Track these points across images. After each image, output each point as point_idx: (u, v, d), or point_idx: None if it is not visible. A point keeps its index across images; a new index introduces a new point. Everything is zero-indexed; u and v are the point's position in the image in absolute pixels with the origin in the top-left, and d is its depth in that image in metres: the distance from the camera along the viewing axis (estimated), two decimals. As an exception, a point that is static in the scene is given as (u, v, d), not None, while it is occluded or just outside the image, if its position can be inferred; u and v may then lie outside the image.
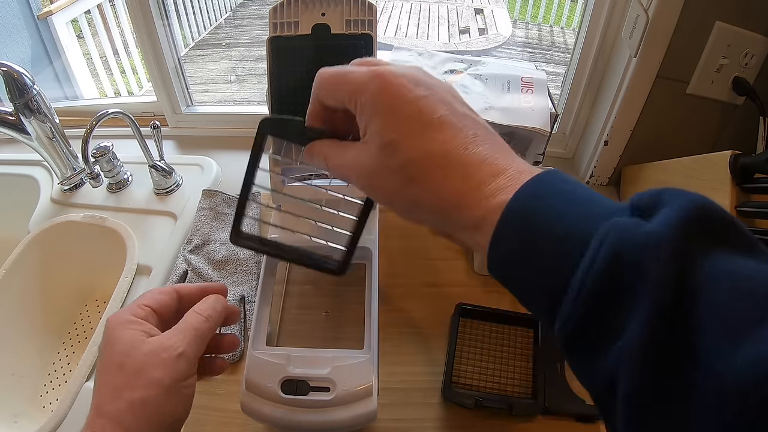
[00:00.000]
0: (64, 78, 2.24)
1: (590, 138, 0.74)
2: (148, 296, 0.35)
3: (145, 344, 0.31)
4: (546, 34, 3.85)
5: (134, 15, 0.72)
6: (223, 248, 0.61)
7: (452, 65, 0.68)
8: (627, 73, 0.63)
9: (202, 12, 3.62)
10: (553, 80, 1.81)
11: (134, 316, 0.33)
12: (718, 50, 0.58)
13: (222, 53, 3.48)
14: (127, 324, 0.32)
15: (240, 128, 0.85)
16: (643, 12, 0.57)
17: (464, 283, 0.59)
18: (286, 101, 0.48)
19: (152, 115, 0.87)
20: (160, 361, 0.30)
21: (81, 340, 0.66)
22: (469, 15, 3.95)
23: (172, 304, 0.36)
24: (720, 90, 0.61)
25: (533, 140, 0.61)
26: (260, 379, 0.38)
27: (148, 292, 0.36)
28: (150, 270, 0.60)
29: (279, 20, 0.47)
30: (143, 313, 0.33)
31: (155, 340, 0.31)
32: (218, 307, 0.35)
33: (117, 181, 0.71)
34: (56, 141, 0.68)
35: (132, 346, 0.31)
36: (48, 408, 0.59)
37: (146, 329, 0.32)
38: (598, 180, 0.75)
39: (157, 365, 0.30)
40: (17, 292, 0.62)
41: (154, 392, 0.29)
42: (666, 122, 0.66)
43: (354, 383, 0.38)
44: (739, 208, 0.49)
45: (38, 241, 0.65)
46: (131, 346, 0.31)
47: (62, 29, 2.19)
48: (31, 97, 0.63)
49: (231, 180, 0.76)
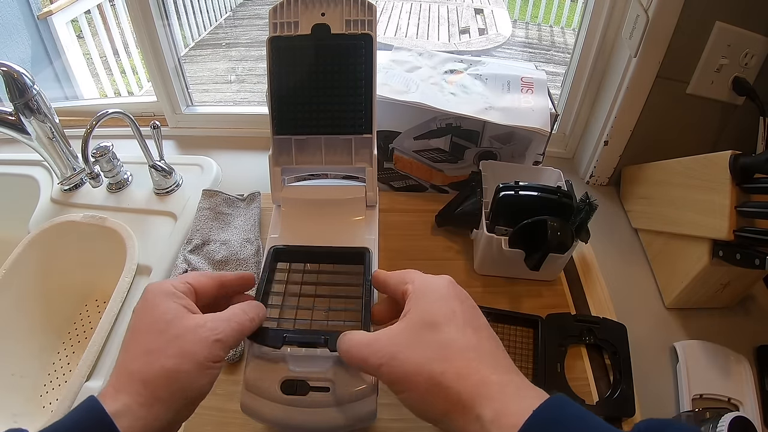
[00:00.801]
0: (64, 78, 2.24)
1: (590, 138, 0.74)
2: (192, 275, 0.36)
3: (187, 318, 0.31)
4: (546, 34, 3.85)
5: (134, 15, 0.72)
6: (223, 248, 0.61)
7: (452, 65, 0.68)
8: (627, 73, 0.63)
9: (202, 12, 3.62)
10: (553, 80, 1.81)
11: (176, 289, 0.33)
12: (718, 50, 0.58)
13: (222, 53, 3.47)
14: (170, 295, 0.32)
15: (240, 128, 0.85)
16: (643, 12, 0.57)
17: (464, 283, 0.58)
18: (286, 101, 0.48)
19: (152, 115, 0.87)
20: (199, 338, 0.30)
21: (81, 340, 0.66)
22: (469, 15, 3.95)
23: (213, 288, 0.36)
24: (720, 90, 0.61)
25: (533, 140, 0.61)
26: (260, 379, 0.38)
27: (192, 272, 0.37)
28: (150, 270, 0.60)
29: (279, 20, 0.47)
30: (184, 288, 0.34)
31: (199, 318, 0.32)
32: (261, 314, 0.36)
33: (117, 181, 0.71)
34: (56, 141, 0.68)
35: (175, 315, 0.31)
36: (48, 408, 0.59)
37: (187, 304, 0.33)
38: (598, 180, 0.75)
39: (195, 341, 0.30)
40: (17, 292, 0.62)
41: (187, 365, 0.29)
42: (666, 122, 0.66)
43: (354, 383, 0.37)
44: (739, 208, 0.49)
45: (38, 241, 0.65)
46: (174, 316, 0.31)
47: (62, 29, 2.19)
48: (31, 97, 0.63)
49: (231, 180, 0.76)
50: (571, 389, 0.48)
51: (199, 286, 0.35)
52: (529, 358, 0.51)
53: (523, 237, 0.53)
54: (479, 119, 0.58)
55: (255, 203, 0.67)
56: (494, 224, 0.55)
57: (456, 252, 0.63)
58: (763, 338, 0.56)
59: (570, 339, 0.52)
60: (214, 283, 0.36)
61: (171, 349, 0.29)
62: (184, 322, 0.31)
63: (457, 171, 0.68)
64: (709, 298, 0.57)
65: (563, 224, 0.51)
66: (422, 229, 0.66)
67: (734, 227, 0.49)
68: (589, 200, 0.52)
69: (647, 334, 0.56)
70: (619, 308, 0.56)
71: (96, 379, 0.50)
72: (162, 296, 0.32)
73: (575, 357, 0.52)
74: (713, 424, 0.43)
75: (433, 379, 0.28)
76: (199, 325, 0.31)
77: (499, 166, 0.62)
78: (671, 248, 0.60)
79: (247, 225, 0.64)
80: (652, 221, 0.64)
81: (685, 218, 0.56)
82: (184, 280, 0.35)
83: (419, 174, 0.69)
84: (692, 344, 0.54)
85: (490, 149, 0.63)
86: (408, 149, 0.66)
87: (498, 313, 0.54)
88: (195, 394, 0.30)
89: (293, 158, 0.50)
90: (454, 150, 0.65)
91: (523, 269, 0.54)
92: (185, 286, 0.34)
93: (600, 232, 0.66)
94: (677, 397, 0.51)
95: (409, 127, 0.63)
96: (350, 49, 0.46)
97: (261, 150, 0.82)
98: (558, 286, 0.59)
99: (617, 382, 0.49)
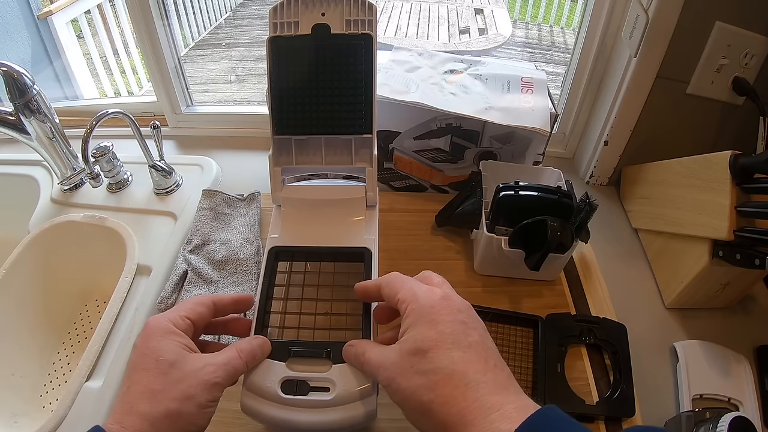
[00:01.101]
0: (64, 78, 2.24)
1: (590, 138, 0.74)
2: (189, 307, 0.37)
3: (187, 361, 0.33)
4: (546, 34, 3.85)
5: (134, 15, 0.72)
6: (223, 248, 0.61)
7: (452, 65, 0.68)
8: (627, 73, 0.63)
9: (202, 12, 3.62)
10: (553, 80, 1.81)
11: (175, 326, 0.35)
12: (718, 50, 0.58)
13: (222, 53, 3.47)
14: (169, 333, 0.34)
15: (240, 128, 0.85)
16: (643, 12, 0.57)
17: (464, 283, 0.59)
18: (286, 101, 0.48)
19: (152, 115, 0.87)
20: (199, 381, 0.33)
21: (81, 340, 0.66)
22: (469, 15, 3.94)
23: (209, 315, 0.38)
24: (720, 90, 0.61)
25: (533, 140, 0.61)
26: (260, 379, 0.38)
27: (188, 302, 0.38)
28: (150, 270, 0.60)
29: (279, 20, 0.47)
30: (184, 325, 0.36)
31: (199, 361, 0.34)
32: (258, 353, 0.37)
33: (117, 181, 0.71)
34: (56, 141, 0.68)
35: (176, 359, 0.33)
36: (48, 408, 0.59)
37: (187, 343, 0.35)
38: (598, 180, 0.75)
39: (196, 385, 0.33)
40: (17, 292, 0.62)
41: (189, 407, 0.32)
42: (666, 122, 0.66)
43: (354, 383, 0.38)
44: (739, 208, 0.49)
45: (38, 241, 0.65)
46: (176, 359, 0.33)
47: (62, 29, 2.19)
48: (31, 97, 0.63)
49: (231, 180, 0.76)
50: (571, 389, 0.48)
51: (197, 318, 0.37)
52: (529, 358, 0.51)
53: (523, 237, 0.53)
54: (479, 119, 0.58)
55: (255, 203, 0.67)
56: (494, 224, 0.55)
57: (456, 252, 0.63)
58: (763, 338, 0.56)
59: (570, 339, 0.52)
60: (210, 311, 0.38)
61: (174, 392, 0.32)
62: (185, 366, 0.33)
63: (457, 171, 0.68)
64: (709, 298, 0.57)
65: (563, 224, 0.51)
66: (422, 229, 0.66)
67: (734, 227, 0.49)
68: (590, 200, 0.52)
69: (647, 334, 0.56)
70: (619, 308, 0.56)
71: (96, 379, 0.50)
72: (162, 335, 0.34)
73: (575, 357, 0.52)
74: (713, 424, 0.43)
75: (422, 406, 0.30)
76: (199, 369, 0.33)
77: (499, 166, 0.62)
78: (671, 248, 0.60)
79: (247, 225, 0.64)
80: (652, 221, 0.64)
81: (685, 218, 0.56)
82: (182, 314, 0.36)
83: (419, 174, 0.69)
84: (692, 344, 0.54)
85: (490, 149, 0.63)
86: (408, 149, 0.66)
87: (498, 313, 0.54)
88: (195, 429, 0.33)
89: (293, 158, 0.50)
90: (454, 150, 0.65)
91: (523, 269, 0.54)
92: (184, 323, 0.36)
93: (600, 232, 0.66)
94: (677, 397, 0.51)
95: (409, 127, 0.63)
96: (350, 49, 0.46)
97: (261, 150, 0.82)
98: (558, 286, 0.59)
99: (617, 382, 0.49)
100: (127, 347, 0.52)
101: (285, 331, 0.42)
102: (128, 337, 0.53)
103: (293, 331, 0.42)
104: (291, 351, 0.39)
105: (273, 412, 0.37)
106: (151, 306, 0.56)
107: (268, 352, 0.38)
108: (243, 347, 0.37)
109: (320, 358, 0.39)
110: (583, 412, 0.47)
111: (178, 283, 0.57)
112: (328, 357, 0.38)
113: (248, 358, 0.36)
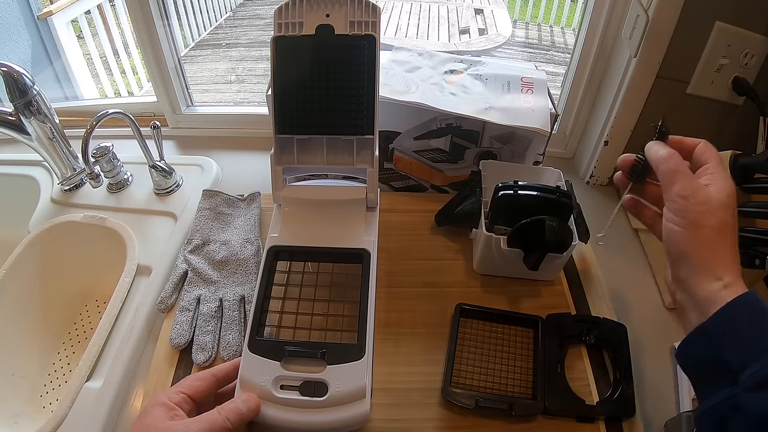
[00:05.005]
0: (64, 78, 2.24)
1: (590, 138, 0.74)
2: (188, 382, 0.39)
3: (165, 425, 0.35)
4: (546, 34, 3.85)
5: (134, 15, 0.72)
6: (223, 248, 0.61)
7: (452, 65, 0.68)
8: (627, 73, 0.63)
9: (202, 12, 3.62)
10: (553, 80, 1.81)
11: (169, 399, 0.37)
12: (718, 50, 0.58)
13: (222, 53, 3.47)
14: (159, 404, 0.36)
15: (240, 128, 0.85)
16: (643, 12, 0.58)
17: (464, 283, 0.59)
18: (288, 101, 0.48)
19: (152, 115, 0.87)
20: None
21: (81, 340, 0.66)
22: (469, 15, 3.94)
23: (209, 388, 0.40)
24: (720, 90, 0.61)
25: (533, 140, 0.61)
26: (254, 377, 0.38)
27: (189, 378, 0.40)
28: (150, 270, 0.60)
29: (284, 20, 0.47)
30: (177, 398, 0.37)
31: (176, 425, 0.35)
32: (243, 409, 0.37)
33: (117, 182, 0.71)
34: (56, 141, 0.68)
35: (154, 423, 0.35)
36: (48, 408, 0.59)
37: (177, 413, 0.36)
38: (598, 180, 0.75)
39: None
40: (17, 292, 0.62)
41: None
42: (666, 122, 0.66)
43: (348, 385, 0.38)
44: (739, 208, 0.49)
45: (38, 241, 0.65)
46: (153, 423, 0.35)
47: (62, 29, 2.19)
48: (32, 98, 0.63)
49: (231, 180, 0.76)
50: (571, 389, 0.48)
51: (193, 392, 0.38)
52: (529, 358, 0.51)
53: (521, 236, 0.53)
54: (479, 119, 0.58)
55: (255, 203, 0.67)
56: (493, 224, 0.55)
57: (456, 252, 0.63)
58: (763, 338, 0.56)
59: (570, 339, 0.52)
60: (208, 384, 0.40)
61: None
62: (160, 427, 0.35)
63: (457, 171, 0.68)
64: (709, 298, 0.57)
65: (561, 224, 0.51)
66: (422, 229, 0.66)
67: (734, 227, 0.49)
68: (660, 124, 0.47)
69: (647, 334, 0.56)
70: (619, 308, 0.56)
71: (96, 380, 0.50)
72: (153, 405, 0.36)
73: (575, 357, 0.52)
74: (713, 424, 0.43)
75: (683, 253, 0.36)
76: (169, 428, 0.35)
77: (499, 166, 0.62)
78: (671, 248, 0.60)
79: (248, 225, 0.64)
80: (652, 221, 0.64)
81: (685, 218, 0.56)
82: (179, 389, 0.38)
83: (419, 174, 0.70)
84: (692, 344, 0.54)
85: (490, 149, 0.63)
86: (408, 149, 0.66)
87: (497, 313, 0.54)
88: None
89: (295, 158, 0.50)
90: (454, 150, 0.65)
91: (522, 269, 0.54)
92: (179, 397, 0.37)
93: (600, 232, 0.66)
94: (677, 397, 0.51)
95: (409, 127, 0.63)
96: (354, 49, 0.46)
97: (261, 150, 0.82)
98: (558, 286, 0.59)
99: (617, 382, 0.49)
100: (128, 347, 0.52)
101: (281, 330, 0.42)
102: (128, 338, 0.53)
103: (289, 330, 0.43)
104: (286, 351, 0.39)
105: (266, 410, 0.38)
106: (151, 306, 0.56)
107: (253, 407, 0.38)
108: (224, 405, 0.37)
109: (315, 358, 0.39)
110: (583, 412, 0.47)
111: (178, 284, 0.57)
112: (323, 358, 0.39)
113: (228, 413, 0.37)
